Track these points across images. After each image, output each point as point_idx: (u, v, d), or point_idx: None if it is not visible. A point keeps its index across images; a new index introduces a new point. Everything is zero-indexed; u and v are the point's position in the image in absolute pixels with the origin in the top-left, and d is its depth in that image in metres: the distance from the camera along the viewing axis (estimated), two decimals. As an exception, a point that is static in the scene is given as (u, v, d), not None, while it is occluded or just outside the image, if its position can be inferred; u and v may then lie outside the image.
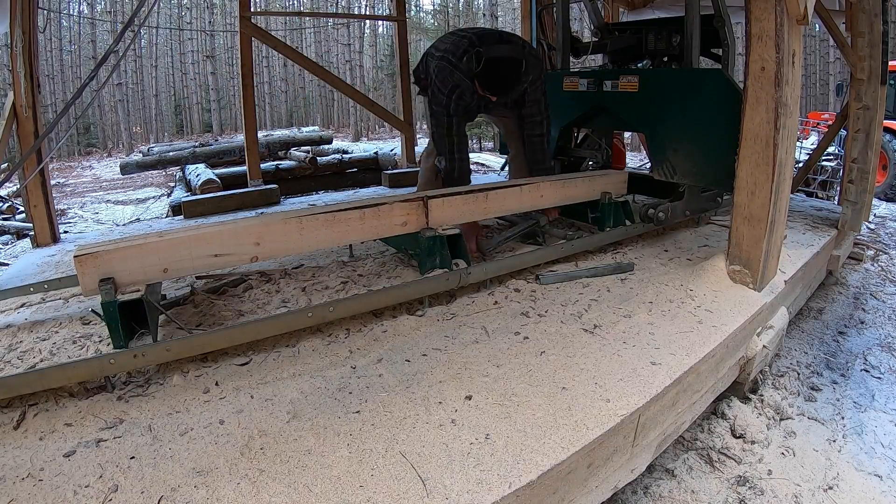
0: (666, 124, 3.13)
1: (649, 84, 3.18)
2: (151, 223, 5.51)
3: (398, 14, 5.94)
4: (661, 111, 3.13)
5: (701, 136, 2.94)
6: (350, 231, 2.35)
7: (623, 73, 3.32)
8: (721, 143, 2.75)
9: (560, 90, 3.71)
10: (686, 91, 2.99)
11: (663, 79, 3.20)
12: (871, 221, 5.59)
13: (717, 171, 2.87)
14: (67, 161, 19.87)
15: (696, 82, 2.96)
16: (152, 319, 1.97)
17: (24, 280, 2.86)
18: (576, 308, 2.29)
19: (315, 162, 8.44)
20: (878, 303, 3.63)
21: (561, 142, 3.92)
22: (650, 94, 3.17)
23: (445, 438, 1.46)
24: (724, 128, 2.71)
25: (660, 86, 3.16)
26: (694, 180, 3.12)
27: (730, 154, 2.59)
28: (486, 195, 2.68)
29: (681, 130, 3.04)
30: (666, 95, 3.09)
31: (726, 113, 2.69)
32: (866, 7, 3.47)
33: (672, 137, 3.10)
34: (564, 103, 3.73)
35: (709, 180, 3.04)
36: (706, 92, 2.88)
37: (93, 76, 2.72)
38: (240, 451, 1.43)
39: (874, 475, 2.04)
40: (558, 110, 3.72)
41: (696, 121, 2.94)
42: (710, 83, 2.87)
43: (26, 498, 1.27)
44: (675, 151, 3.10)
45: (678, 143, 3.07)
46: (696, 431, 2.25)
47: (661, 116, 3.15)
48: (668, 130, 3.12)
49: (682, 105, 3.00)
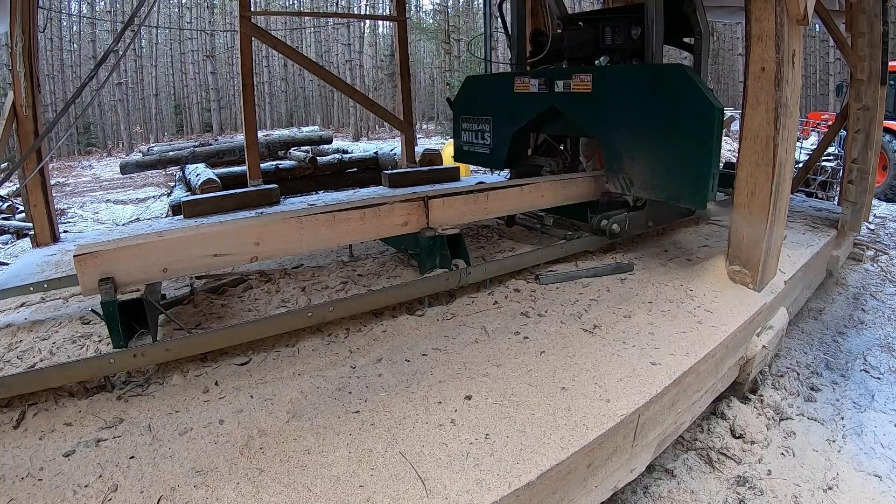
0: (622, 129, 2.78)
1: (603, 83, 2.83)
2: (151, 223, 5.51)
3: (398, 14, 5.94)
4: (616, 114, 2.79)
5: (660, 142, 2.61)
6: (350, 231, 2.35)
7: (575, 72, 2.98)
8: (683, 151, 2.48)
9: (511, 92, 3.40)
10: (643, 91, 2.66)
11: (618, 77, 2.85)
12: (870, 222, 5.59)
13: (678, 184, 2.55)
14: (67, 160, 19.86)
15: (654, 80, 2.63)
16: (152, 319, 1.97)
17: (23, 280, 2.86)
18: (576, 308, 2.29)
19: (315, 162, 8.43)
20: (878, 303, 3.63)
21: (513, 149, 3.56)
22: (604, 95, 2.83)
23: (445, 438, 1.46)
24: (686, 133, 2.45)
25: (615, 85, 2.80)
26: (653, 194, 2.74)
27: (694, 163, 2.38)
28: (486, 195, 2.68)
29: (638, 136, 2.71)
30: (621, 96, 2.76)
31: (689, 115, 2.44)
32: (866, 7, 3.47)
33: (628, 144, 2.77)
34: (515, 106, 3.39)
35: (669, 194, 2.66)
36: (666, 91, 2.55)
37: (93, 76, 2.72)
38: (239, 450, 1.43)
39: (874, 475, 2.04)
40: (509, 114, 3.46)
41: (655, 125, 2.62)
42: (671, 81, 2.54)
43: (26, 497, 1.27)
44: (631, 160, 2.75)
45: (635, 150, 2.74)
46: (695, 431, 2.25)
47: (617, 120, 2.79)
48: (624, 136, 2.78)
49: (639, 107, 2.67)
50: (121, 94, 26.43)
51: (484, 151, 3.79)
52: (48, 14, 19.95)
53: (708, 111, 2.42)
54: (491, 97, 3.69)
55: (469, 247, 2.75)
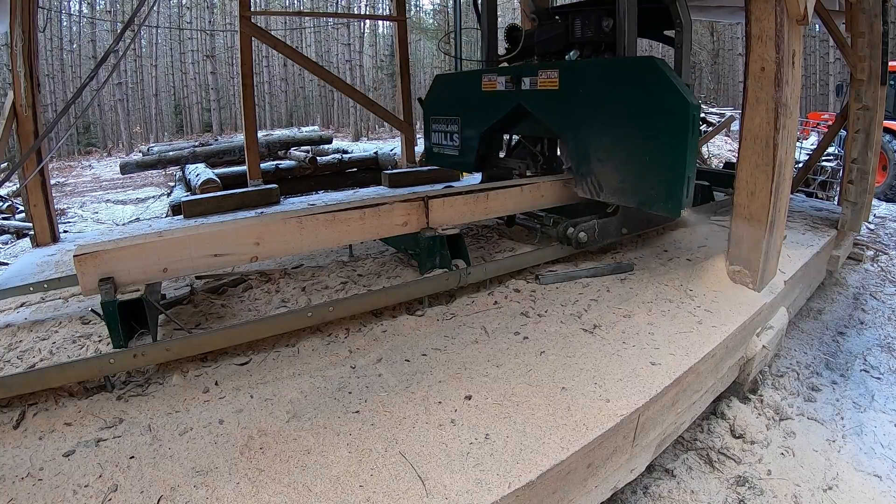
0: (590, 128, 2.59)
1: (570, 80, 2.64)
2: (151, 223, 5.50)
3: (398, 14, 5.95)
4: (583, 112, 2.61)
5: (630, 142, 2.42)
6: (350, 231, 2.35)
7: (541, 68, 2.78)
8: (654, 152, 2.30)
9: (479, 91, 3.22)
10: (612, 86, 2.46)
11: (586, 72, 2.64)
12: (870, 222, 5.58)
13: (649, 188, 2.36)
14: (67, 160, 19.85)
15: (623, 74, 2.44)
16: (152, 319, 1.97)
17: (23, 279, 2.86)
18: (576, 308, 2.29)
19: (315, 162, 8.44)
20: (878, 303, 3.63)
21: (483, 150, 3.39)
22: (572, 92, 2.64)
23: (445, 438, 1.46)
24: (658, 132, 2.27)
25: (582, 81, 2.60)
26: (623, 199, 2.56)
27: (666, 166, 2.20)
28: (486, 195, 2.68)
29: (607, 136, 2.53)
30: (589, 92, 2.57)
31: (661, 112, 2.25)
32: (866, 7, 3.46)
33: (597, 145, 2.58)
34: (484, 106, 3.22)
35: (640, 199, 2.46)
36: (636, 86, 2.35)
37: (93, 76, 2.72)
38: (239, 450, 1.43)
39: (873, 475, 2.04)
40: (478, 114, 3.31)
41: (625, 123, 2.43)
42: (640, 75, 2.34)
43: (26, 497, 1.27)
44: (600, 162, 2.57)
45: (604, 151, 2.56)
46: (695, 431, 2.25)
47: (585, 118, 2.60)
48: (593, 136, 2.59)
49: (608, 104, 2.48)
50: (121, 94, 26.44)
51: (453, 153, 3.65)
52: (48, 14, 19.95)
53: (681, 107, 2.23)
54: (460, 96, 3.55)
55: (469, 247, 2.76)
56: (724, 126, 9.33)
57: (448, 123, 3.64)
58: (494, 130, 3.38)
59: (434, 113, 3.80)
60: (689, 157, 2.27)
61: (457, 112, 3.55)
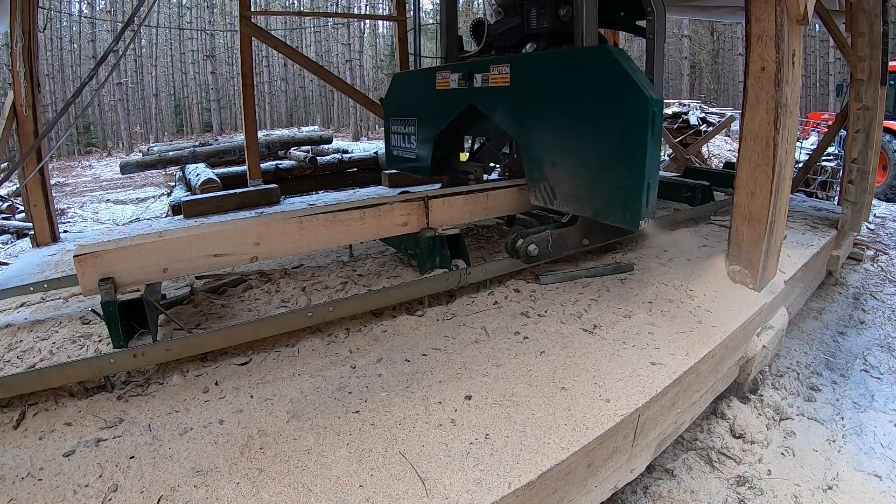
0: (542, 129, 2.36)
1: (522, 74, 2.40)
2: (151, 223, 5.51)
3: (398, 14, 5.95)
4: (535, 110, 2.38)
5: (585, 143, 2.18)
6: (350, 231, 2.35)
7: (492, 63, 2.55)
8: (610, 155, 2.06)
9: (434, 89, 2.96)
10: (565, 81, 2.21)
11: (537, 66, 2.39)
12: (870, 221, 5.58)
13: (605, 196, 2.13)
14: (67, 160, 19.85)
15: (576, 67, 2.18)
16: (152, 319, 1.97)
17: (23, 279, 2.86)
18: (576, 308, 2.29)
19: (315, 162, 8.44)
20: (878, 303, 3.63)
21: (439, 153, 3.10)
22: (523, 89, 2.42)
23: (445, 438, 1.46)
24: (614, 131, 2.04)
25: (534, 76, 2.36)
26: (577, 208, 2.32)
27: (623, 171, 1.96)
28: (486, 195, 2.68)
29: (560, 137, 2.28)
30: (542, 88, 2.33)
31: (617, 109, 2.01)
32: (866, 7, 3.47)
33: (549, 147, 2.34)
34: (438, 105, 2.98)
35: (596, 208, 2.22)
36: (590, 80, 2.10)
37: (92, 75, 2.72)
38: (239, 450, 1.43)
39: (874, 475, 2.04)
40: (432, 114, 3.06)
41: (579, 122, 2.19)
42: (595, 66, 2.08)
43: (26, 497, 1.27)
44: (553, 167, 2.33)
45: (557, 155, 2.32)
46: (695, 431, 2.25)
47: (536, 117, 2.37)
48: (545, 137, 2.35)
49: (561, 100, 2.24)
50: (121, 94, 26.46)
51: (410, 157, 3.40)
52: (48, 14, 19.96)
53: (640, 102, 1.96)
54: (416, 95, 3.32)
55: (469, 247, 2.76)
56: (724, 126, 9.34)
57: (406, 125, 3.39)
58: (450, 132, 3.10)
59: (393, 114, 3.54)
60: (648, 160, 2.01)
61: (413, 113, 3.32)
